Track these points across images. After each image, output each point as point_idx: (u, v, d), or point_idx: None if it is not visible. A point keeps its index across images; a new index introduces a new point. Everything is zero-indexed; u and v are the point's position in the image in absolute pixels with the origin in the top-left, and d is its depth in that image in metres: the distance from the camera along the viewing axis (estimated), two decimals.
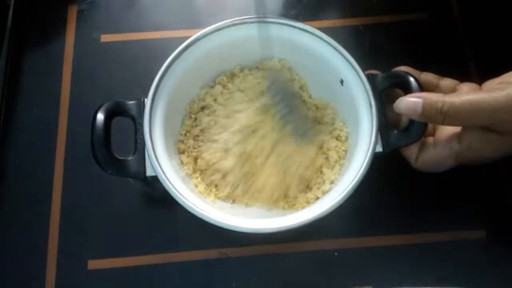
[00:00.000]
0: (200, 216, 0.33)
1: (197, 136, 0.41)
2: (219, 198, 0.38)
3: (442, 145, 0.36)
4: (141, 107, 0.36)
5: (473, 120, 0.33)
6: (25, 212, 0.42)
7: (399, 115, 0.36)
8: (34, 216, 0.42)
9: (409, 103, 0.34)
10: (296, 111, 0.41)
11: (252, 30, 0.39)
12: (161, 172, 0.34)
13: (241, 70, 0.43)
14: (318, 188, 0.38)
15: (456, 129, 0.36)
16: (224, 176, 0.38)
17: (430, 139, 0.37)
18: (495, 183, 0.43)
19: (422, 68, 0.40)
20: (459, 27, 0.49)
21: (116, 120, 0.37)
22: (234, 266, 0.41)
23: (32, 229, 0.42)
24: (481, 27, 0.48)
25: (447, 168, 0.37)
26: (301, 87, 0.42)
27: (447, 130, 0.37)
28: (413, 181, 0.43)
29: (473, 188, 0.42)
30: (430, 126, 0.38)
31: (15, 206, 0.42)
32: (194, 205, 0.33)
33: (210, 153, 0.39)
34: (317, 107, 0.42)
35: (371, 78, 0.37)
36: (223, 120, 0.41)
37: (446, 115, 0.32)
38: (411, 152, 0.37)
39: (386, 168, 0.43)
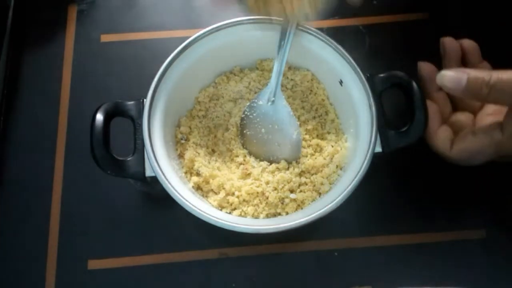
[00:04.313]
0: (199, 216, 0.33)
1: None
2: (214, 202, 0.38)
3: (482, 134, 0.34)
4: (140, 107, 0.36)
5: None
6: (25, 212, 0.42)
7: None
8: (34, 216, 0.42)
9: (453, 77, 0.32)
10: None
11: (251, 31, 0.39)
12: (160, 173, 0.34)
13: (241, 70, 0.43)
14: (318, 188, 0.38)
15: (498, 117, 0.35)
16: (206, 181, 0.38)
17: (468, 127, 0.36)
18: (495, 183, 0.43)
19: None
20: (459, 27, 0.49)
21: (115, 121, 0.37)
22: (234, 266, 0.41)
23: (32, 229, 0.42)
24: (481, 27, 0.48)
25: (482, 161, 0.35)
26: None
27: (488, 119, 0.35)
28: (412, 182, 0.43)
29: (473, 188, 0.42)
30: (467, 118, 0.37)
31: (15, 206, 0.43)
32: (194, 206, 0.33)
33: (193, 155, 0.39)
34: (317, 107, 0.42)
35: (370, 79, 0.37)
36: (216, 123, 0.42)
37: (492, 89, 0.31)
38: (442, 141, 0.36)
39: (385, 169, 0.43)
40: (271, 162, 0.39)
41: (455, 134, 0.36)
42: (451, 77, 0.33)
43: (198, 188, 0.38)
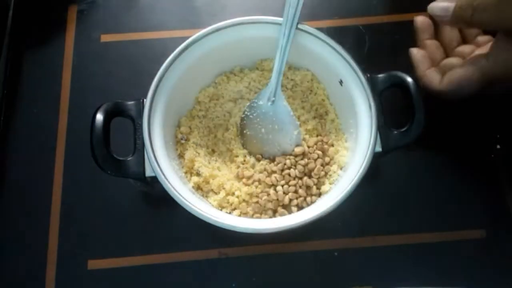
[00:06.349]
0: (199, 216, 0.33)
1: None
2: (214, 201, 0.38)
3: (469, 63, 0.37)
4: (140, 107, 0.37)
5: (502, 15, 0.33)
6: (25, 212, 0.42)
7: None
8: (34, 216, 0.42)
9: (443, 5, 0.36)
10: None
11: (251, 31, 0.39)
12: (160, 173, 0.34)
13: (241, 70, 0.43)
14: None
15: (484, 50, 0.38)
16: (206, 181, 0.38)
17: (456, 60, 0.40)
18: (495, 183, 0.43)
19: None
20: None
21: (115, 121, 0.37)
22: (234, 266, 0.41)
23: (32, 229, 0.42)
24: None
25: (471, 90, 0.37)
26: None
27: (475, 53, 0.39)
28: (412, 181, 0.43)
29: (473, 188, 0.42)
30: (457, 61, 0.40)
31: (15, 206, 0.42)
32: (194, 206, 0.33)
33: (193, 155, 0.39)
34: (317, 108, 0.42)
35: (370, 79, 0.37)
36: (216, 123, 0.42)
37: (476, 9, 0.33)
38: (431, 77, 0.39)
39: (385, 168, 0.43)
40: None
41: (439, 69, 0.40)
42: (441, 5, 0.36)
43: (198, 188, 0.38)
